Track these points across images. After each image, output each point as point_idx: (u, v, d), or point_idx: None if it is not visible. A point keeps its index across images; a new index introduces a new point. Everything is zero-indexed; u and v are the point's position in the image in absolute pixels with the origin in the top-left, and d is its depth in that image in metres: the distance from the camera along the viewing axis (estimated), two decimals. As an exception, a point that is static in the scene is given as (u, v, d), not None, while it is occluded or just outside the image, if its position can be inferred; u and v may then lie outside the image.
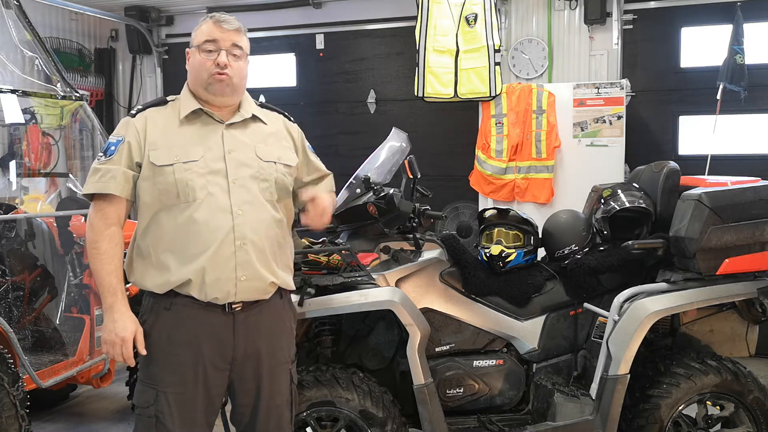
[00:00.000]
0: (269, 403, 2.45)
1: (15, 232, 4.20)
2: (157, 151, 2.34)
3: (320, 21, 7.36)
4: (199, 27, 2.45)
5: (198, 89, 2.41)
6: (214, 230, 2.30)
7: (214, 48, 2.38)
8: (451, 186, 6.54)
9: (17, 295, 4.06)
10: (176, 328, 2.34)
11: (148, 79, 8.18)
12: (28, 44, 4.18)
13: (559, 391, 3.27)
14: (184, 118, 2.39)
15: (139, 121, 2.39)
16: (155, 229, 2.35)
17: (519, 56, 6.62)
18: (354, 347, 3.34)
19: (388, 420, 3.03)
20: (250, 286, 2.35)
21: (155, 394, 2.33)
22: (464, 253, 3.40)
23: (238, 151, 2.39)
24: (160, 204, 2.33)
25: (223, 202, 2.32)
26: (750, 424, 3.24)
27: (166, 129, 2.38)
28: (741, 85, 5.64)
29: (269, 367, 2.44)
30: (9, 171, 5.37)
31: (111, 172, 2.33)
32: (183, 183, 2.30)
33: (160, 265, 2.33)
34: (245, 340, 2.37)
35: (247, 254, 2.33)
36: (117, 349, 2.32)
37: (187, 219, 2.30)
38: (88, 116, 4.26)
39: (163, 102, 2.47)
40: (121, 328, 2.31)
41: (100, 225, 2.35)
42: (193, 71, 2.42)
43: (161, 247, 2.33)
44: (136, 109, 2.46)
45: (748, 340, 3.47)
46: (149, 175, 2.34)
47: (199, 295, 2.31)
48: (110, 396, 5.05)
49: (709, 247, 3.05)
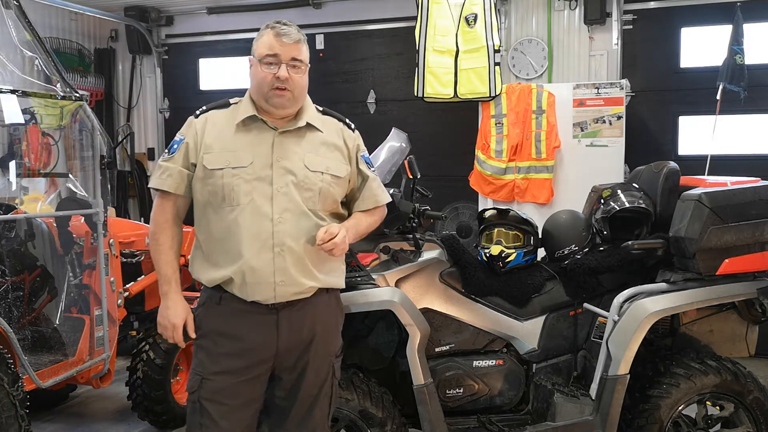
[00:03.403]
0: (307, 392, 2.53)
1: (15, 232, 4.20)
2: (211, 154, 2.44)
3: (320, 21, 7.36)
4: (261, 38, 2.48)
5: (259, 99, 2.47)
6: (254, 235, 2.39)
7: (275, 61, 2.42)
8: (451, 186, 6.53)
9: (17, 295, 4.06)
10: (224, 321, 2.46)
11: (147, 79, 8.17)
12: (28, 44, 4.17)
13: (558, 391, 3.27)
14: (240, 122, 2.47)
15: (200, 122, 2.50)
16: (206, 227, 2.48)
17: (519, 56, 6.62)
18: (354, 347, 3.34)
19: (388, 420, 3.04)
20: (287, 290, 2.43)
21: (200, 381, 2.45)
22: (464, 254, 3.39)
23: (286, 160, 2.44)
24: (209, 204, 2.46)
25: (265, 208, 2.40)
26: (750, 424, 3.25)
27: (223, 132, 2.47)
28: (741, 86, 5.64)
29: (312, 360, 2.51)
30: (9, 171, 5.37)
31: (169, 170, 2.48)
32: (229, 188, 2.40)
33: (210, 260, 2.47)
34: (288, 335, 2.46)
35: (284, 261, 2.40)
36: (169, 333, 2.51)
37: (232, 222, 2.40)
38: (88, 116, 4.25)
39: (226, 105, 2.55)
40: (173, 314, 2.49)
41: (159, 218, 2.52)
42: (255, 82, 2.47)
43: (210, 244, 2.47)
44: (201, 109, 2.55)
45: (748, 341, 3.47)
46: (201, 177, 2.45)
47: (241, 294, 2.43)
48: (110, 396, 5.05)
49: (709, 248, 3.06)
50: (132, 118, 8.22)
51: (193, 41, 7.95)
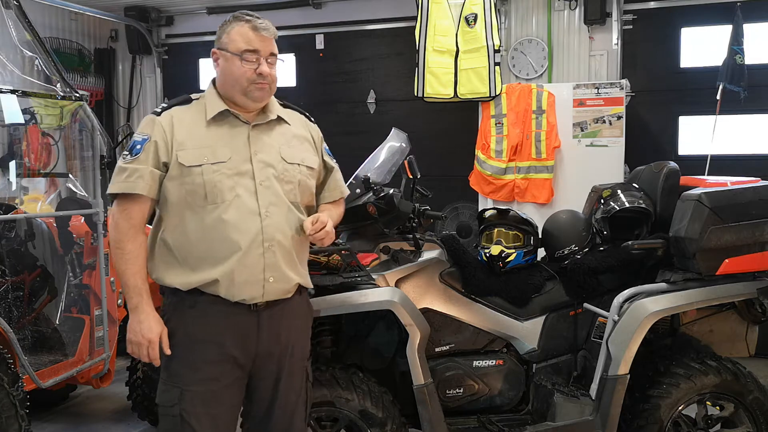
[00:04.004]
0: (285, 399, 2.47)
1: (15, 232, 4.20)
2: (185, 151, 2.33)
3: (320, 21, 7.36)
4: (234, 30, 2.37)
5: (234, 94, 2.39)
6: (243, 232, 2.31)
7: (255, 57, 2.35)
8: (451, 186, 6.54)
9: (17, 295, 4.06)
10: (201, 325, 2.34)
11: (147, 79, 8.18)
12: (28, 44, 4.17)
13: (558, 391, 3.27)
14: (211, 119, 2.38)
15: (164, 120, 2.36)
16: (180, 229, 2.34)
17: (519, 56, 6.62)
18: (354, 347, 3.34)
19: (388, 420, 3.03)
20: (277, 287, 2.39)
21: (180, 393, 2.32)
22: (464, 254, 3.39)
23: (263, 153, 2.40)
24: (186, 204, 2.33)
25: (251, 204, 2.34)
26: (750, 424, 3.24)
27: (193, 129, 2.37)
28: (741, 86, 5.64)
29: (288, 364, 2.47)
30: (9, 171, 5.37)
31: (138, 172, 2.31)
32: (211, 184, 2.30)
33: (185, 263, 2.33)
34: (268, 337, 2.40)
35: (274, 256, 2.36)
36: (143, 351, 2.32)
37: (215, 220, 2.30)
38: (88, 116, 4.25)
39: (188, 100, 2.44)
40: (147, 329, 2.32)
41: (124, 225, 2.32)
42: (231, 77, 2.37)
43: (186, 247, 2.33)
44: (161, 107, 2.42)
45: (748, 341, 3.47)
46: (176, 175, 2.32)
47: (227, 295, 2.32)
48: (110, 396, 5.05)
49: (709, 248, 3.05)
50: (132, 118, 8.22)
51: (193, 41, 7.95)
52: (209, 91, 2.45)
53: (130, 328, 2.35)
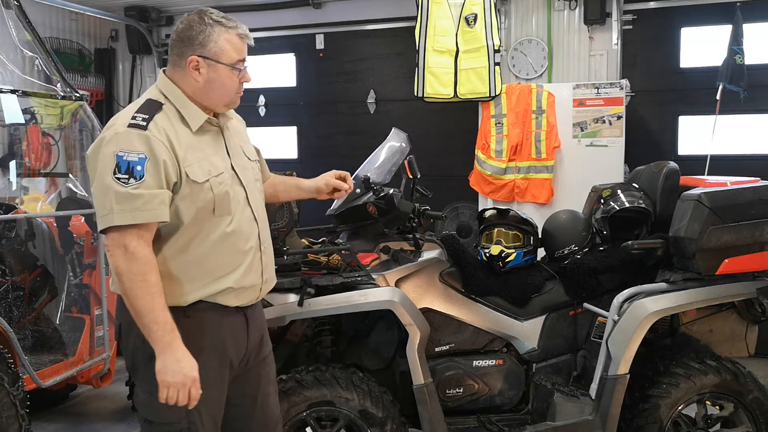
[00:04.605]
0: (265, 390, 2.50)
1: (15, 232, 4.21)
2: (191, 167, 2.17)
3: (320, 21, 7.35)
4: (225, 39, 2.23)
5: (216, 103, 2.27)
6: (247, 239, 2.31)
7: (243, 66, 2.28)
8: (451, 186, 6.53)
9: (17, 295, 4.07)
10: (199, 334, 2.22)
11: (148, 79, 8.16)
12: (28, 44, 4.18)
13: (558, 391, 3.27)
14: (198, 129, 2.24)
15: (158, 134, 2.12)
16: (182, 246, 2.19)
17: (519, 56, 6.62)
18: (354, 347, 3.34)
19: (388, 420, 3.04)
20: (268, 287, 2.44)
21: (185, 408, 2.15)
22: (464, 253, 3.40)
23: (237, 156, 2.37)
24: (196, 221, 2.19)
25: (247, 210, 2.33)
26: (749, 424, 3.25)
27: (184, 140, 2.19)
28: (740, 86, 5.64)
29: (263, 357, 2.49)
30: (9, 171, 5.38)
31: (158, 197, 2.08)
32: (220, 197, 2.21)
33: (185, 276, 2.20)
34: (252, 336, 2.42)
35: (266, 256, 2.40)
36: (184, 392, 2.10)
37: (224, 233, 2.23)
38: (88, 116, 4.26)
39: (159, 107, 2.19)
40: (188, 367, 2.10)
41: (145, 254, 2.07)
42: (222, 89, 2.24)
43: (187, 262, 2.20)
44: (142, 119, 2.13)
45: (748, 340, 3.48)
46: (188, 194, 2.16)
47: (235, 301, 2.29)
48: (110, 396, 5.05)
49: (709, 248, 3.06)
50: (132, 118, 8.21)
51: (193, 41, 7.94)
52: (182, 99, 2.23)
53: (165, 370, 2.07)
